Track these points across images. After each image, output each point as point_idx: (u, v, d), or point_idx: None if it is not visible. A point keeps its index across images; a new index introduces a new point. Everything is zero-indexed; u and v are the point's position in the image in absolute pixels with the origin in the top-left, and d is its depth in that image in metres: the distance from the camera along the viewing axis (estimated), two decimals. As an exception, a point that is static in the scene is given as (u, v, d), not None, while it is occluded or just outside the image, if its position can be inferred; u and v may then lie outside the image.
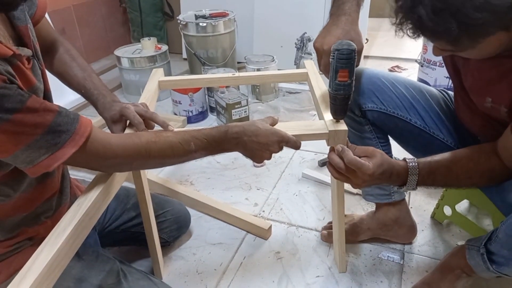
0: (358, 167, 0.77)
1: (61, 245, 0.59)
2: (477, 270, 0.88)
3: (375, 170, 0.77)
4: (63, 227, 0.62)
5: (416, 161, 0.82)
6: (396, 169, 0.80)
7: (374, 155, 0.79)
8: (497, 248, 0.80)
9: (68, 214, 0.65)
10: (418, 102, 0.99)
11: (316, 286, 1.06)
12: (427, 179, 0.81)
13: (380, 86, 0.98)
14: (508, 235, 0.76)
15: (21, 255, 0.77)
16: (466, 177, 0.82)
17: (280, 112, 2.06)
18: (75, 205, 0.66)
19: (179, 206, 1.20)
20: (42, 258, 0.56)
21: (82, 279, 0.82)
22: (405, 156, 0.89)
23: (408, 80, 1.04)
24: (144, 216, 1.00)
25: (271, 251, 1.19)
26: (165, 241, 1.15)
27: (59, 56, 0.92)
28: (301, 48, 2.34)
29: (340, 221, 1.01)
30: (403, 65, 2.63)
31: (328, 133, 0.83)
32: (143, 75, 2.21)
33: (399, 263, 1.13)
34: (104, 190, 0.71)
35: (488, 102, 0.79)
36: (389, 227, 1.15)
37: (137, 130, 0.85)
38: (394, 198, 1.10)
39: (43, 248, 0.58)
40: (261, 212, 1.36)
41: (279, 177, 1.54)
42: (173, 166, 1.63)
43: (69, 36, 2.57)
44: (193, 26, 2.25)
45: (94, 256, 0.88)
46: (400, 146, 1.07)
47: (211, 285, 1.08)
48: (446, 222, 1.26)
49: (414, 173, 0.81)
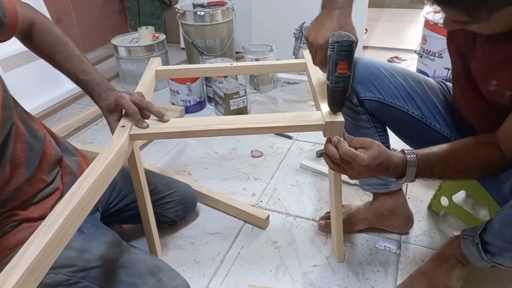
0: (352, 158, 0.76)
1: (52, 236, 0.58)
2: (472, 260, 0.89)
3: (370, 162, 0.77)
4: (55, 218, 0.61)
5: (414, 153, 0.81)
6: (393, 161, 0.80)
7: (371, 147, 0.78)
8: (491, 238, 0.81)
9: (62, 202, 0.64)
10: (416, 92, 0.99)
11: (313, 275, 1.07)
12: (425, 171, 0.81)
13: (378, 76, 0.98)
14: (502, 226, 0.77)
15: (18, 230, 0.79)
16: (464, 169, 0.82)
17: (278, 102, 2.05)
18: (69, 193, 0.65)
19: (185, 188, 1.22)
20: (33, 248, 0.56)
21: (84, 250, 0.85)
22: (402, 147, 0.89)
23: (406, 71, 1.03)
24: (140, 205, 1.01)
25: (268, 240, 1.20)
26: (172, 220, 1.18)
27: (42, 41, 0.89)
28: (299, 38, 2.33)
29: (337, 211, 1.02)
30: (402, 56, 2.62)
31: (325, 125, 0.83)
32: (140, 65, 2.19)
33: (395, 252, 1.14)
34: (99, 179, 0.70)
35: (493, 86, 0.78)
36: (385, 217, 1.16)
37: (132, 120, 0.84)
38: (391, 188, 1.11)
39: (34, 238, 0.57)
40: (259, 202, 1.37)
41: (277, 168, 1.55)
42: (171, 157, 1.64)
43: (65, 25, 2.54)
44: (191, 15, 2.23)
45: (94, 229, 0.90)
46: (397, 137, 1.08)
47: (209, 274, 1.09)
48: (442, 213, 1.27)
49: (413, 165, 0.80)
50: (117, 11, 3.00)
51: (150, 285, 0.85)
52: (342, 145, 0.77)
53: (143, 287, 0.85)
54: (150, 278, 0.86)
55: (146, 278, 0.86)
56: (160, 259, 0.99)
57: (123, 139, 0.80)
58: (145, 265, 0.88)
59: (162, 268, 0.90)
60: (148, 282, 0.86)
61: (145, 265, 0.88)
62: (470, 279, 1.03)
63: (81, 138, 1.81)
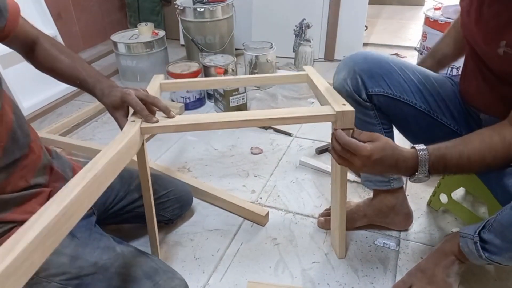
0: (353, 148, 0.76)
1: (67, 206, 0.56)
2: (470, 258, 0.89)
3: (374, 152, 0.76)
4: (73, 186, 0.59)
5: (425, 147, 0.79)
6: (403, 155, 0.78)
7: (378, 140, 0.78)
8: (491, 237, 0.81)
9: (77, 176, 0.62)
10: (424, 86, 0.99)
11: (313, 271, 1.08)
12: (438, 165, 0.78)
13: (388, 70, 0.98)
14: (504, 225, 0.77)
15: None
16: (480, 158, 0.77)
17: (278, 99, 2.05)
18: (84, 169, 0.63)
19: (181, 186, 1.22)
20: (46, 215, 0.53)
21: (77, 256, 0.83)
22: (407, 146, 0.88)
23: (415, 66, 1.04)
24: (146, 203, 1.02)
25: (268, 237, 1.20)
26: (168, 219, 1.18)
27: (45, 52, 0.90)
28: (299, 34, 2.32)
29: (341, 207, 1.01)
30: (402, 53, 2.61)
31: (336, 114, 0.83)
32: (140, 61, 2.19)
33: (394, 249, 1.14)
34: (114, 159, 0.69)
35: (502, 46, 0.77)
36: (385, 214, 1.16)
37: (140, 117, 0.85)
38: (393, 186, 1.11)
39: (48, 205, 0.55)
40: (259, 199, 1.37)
41: (277, 165, 1.55)
42: (171, 154, 1.64)
43: (65, 21, 2.53)
44: (190, 11, 2.22)
45: (87, 234, 0.88)
46: (403, 135, 1.08)
47: (208, 270, 1.09)
48: (441, 210, 1.28)
49: (425, 159, 0.77)
50: (117, 8, 2.99)
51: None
52: (343, 136, 0.77)
53: None
54: (146, 282, 0.85)
55: (142, 282, 0.85)
56: (159, 258, 0.99)
57: (134, 130, 0.79)
58: (140, 269, 0.87)
59: (159, 270, 0.89)
60: (144, 286, 0.85)
61: (141, 269, 0.87)
62: (469, 277, 1.03)
63: (81, 134, 1.81)
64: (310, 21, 2.29)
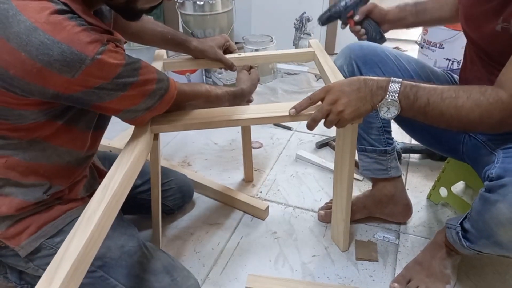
0: (315, 97, 0.81)
1: (92, 231, 0.58)
2: (457, 247, 0.91)
3: (341, 83, 0.80)
4: (93, 210, 0.62)
5: None
6: (375, 79, 0.78)
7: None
8: (468, 226, 0.83)
9: (95, 197, 0.64)
10: (418, 76, 1.01)
11: (312, 265, 1.08)
12: (410, 91, 0.76)
13: (383, 58, 1.01)
14: (475, 213, 0.78)
15: (49, 211, 0.80)
16: (452, 96, 0.73)
17: (278, 93, 2.04)
18: (101, 187, 0.65)
19: (182, 177, 1.23)
20: (75, 244, 0.56)
21: (106, 236, 0.84)
22: (403, 137, 0.88)
23: (411, 57, 1.06)
24: (153, 197, 1.02)
25: (268, 231, 1.20)
26: (170, 209, 1.19)
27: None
28: (300, 28, 2.31)
29: (348, 199, 1.01)
30: (403, 47, 2.61)
31: None
32: (139, 55, 2.15)
33: (394, 243, 1.14)
34: (129, 171, 0.70)
35: (499, 23, 0.76)
36: (384, 204, 1.16)
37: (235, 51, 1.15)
38: (391, 174, 1.11)
39: (74, 233, 0.58)
40: (259, 193, 1.37)
41: (277, 159, 1.55)
42: (171, 148, 1.64)
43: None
44: (190, 4, 2.21)
45: (116, 220, 0.90)
46: (397, 124, 1.08)
47: (208, 264, 1.09)
48: (441, 203, 1.28)
49: (397, 82, 0.76)
50: (116, 1, 2.97)
51: (164, 283, 0.85)
52: (303, 102, 0.82)
53: (156, 284, 0.85)
54: (165, 276, 0.86)
55: (160, 276, 0.86)
56: (172, 255, 1.00)
57: (144, 132, 0.80)
58: (160, 262, 0.88)
59: (176, 267, 0.90)
60: (163, 280, 0.86)
61: (161, 262, 0.88)
62: (468, 269, 1.04)
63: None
64: (311, 15, 2.28)
